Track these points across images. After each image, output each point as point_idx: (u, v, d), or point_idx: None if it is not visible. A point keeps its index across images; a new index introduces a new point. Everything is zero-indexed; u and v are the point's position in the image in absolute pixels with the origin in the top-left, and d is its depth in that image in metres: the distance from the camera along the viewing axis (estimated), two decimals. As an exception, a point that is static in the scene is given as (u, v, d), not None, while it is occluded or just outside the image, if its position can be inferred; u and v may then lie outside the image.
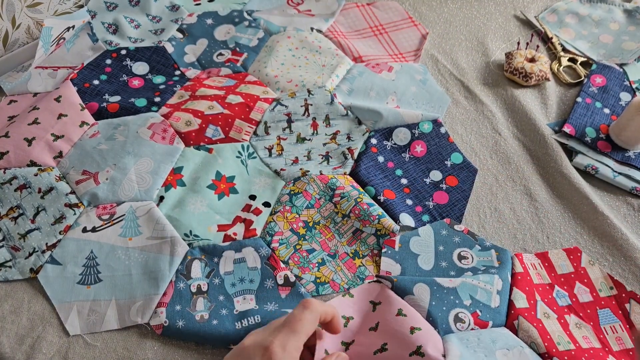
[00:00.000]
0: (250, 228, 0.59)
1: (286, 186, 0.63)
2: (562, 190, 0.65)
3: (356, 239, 0.59)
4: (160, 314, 0.52)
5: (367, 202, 0.60)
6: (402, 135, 0.68)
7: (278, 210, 0.61)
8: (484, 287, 0.54)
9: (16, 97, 0.73)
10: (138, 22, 0.84)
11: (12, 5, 0.77)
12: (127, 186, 0.61)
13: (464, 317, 0.52)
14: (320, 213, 0.61)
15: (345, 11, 0.87)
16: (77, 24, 0.81)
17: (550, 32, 0.84)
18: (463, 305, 0.53)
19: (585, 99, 0.74)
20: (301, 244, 0.58)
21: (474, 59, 0.82)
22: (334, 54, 0.78)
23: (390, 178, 0.65)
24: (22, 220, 0.59)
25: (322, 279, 0.56)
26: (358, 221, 0.59)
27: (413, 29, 0.84)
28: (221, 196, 0.62)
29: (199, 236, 0.58)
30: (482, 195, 0.65)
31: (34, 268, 0.56)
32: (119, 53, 0.78)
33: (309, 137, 0.68)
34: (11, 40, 0.80)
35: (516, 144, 0.70)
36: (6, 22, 0.78)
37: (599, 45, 0.83)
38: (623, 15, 0.87)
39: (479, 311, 0.53)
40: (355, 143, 0.67)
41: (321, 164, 0.66)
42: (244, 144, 0.67)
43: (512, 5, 0.91)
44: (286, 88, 0.73)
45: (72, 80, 0.73)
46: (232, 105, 0.69)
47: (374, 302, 0.54)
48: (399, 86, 0.74)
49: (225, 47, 0.79)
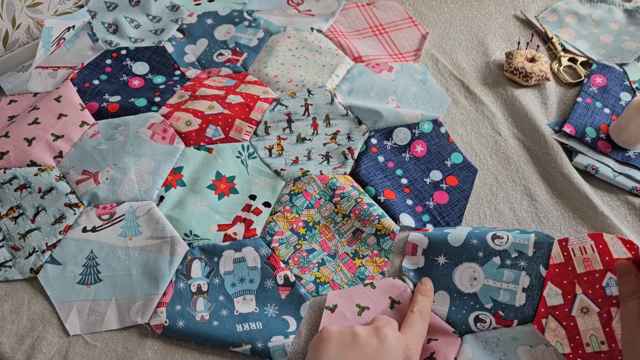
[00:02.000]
0: (251, 228, 0.59)
1: (286, 186, 0.63)
2: (562, 190, 0.65)
3: (356, 239, 0.59)
4: (161, 314, 0.52)
5: (367, 202, 0.60)
6: (402, 135, 0.68)
7: (278, 210, 0.60)
8: (507, 288, 0.52)
9: (16, 97, 0.73)
10: (138, 22, 0.84)
11: (12, 5, 0.77)
12: (127, 186, 0.61)
13: (484, 318, 0.52)
14: (320, 213, 0.60)
15: (345, 11, 0.87)
16: (77, 23, 0.81)
17: (550, 32, 0.84)
18: (484, 309, 0.52)
19: (586, 98, 0.74)
20: (301, 244, 0.58)
21: (474, 59, 0.82)
22: (334, 54, 0.78)
23: (390, 178, 0.65)
24: (22, 220, 0.59)
25: (322, 279, 0.56)
26: (358, 221, 0.59)
27: (413, 29, 0.84)
28: (221, 196, 0.62)
29: (199, 236, 0.58)
30: (482, 196, 0.65)
31: (34, 268, 0.56)
32: (119, 53, 0.78)
33: (309, 137, 0.68)
34: (11, 40, 0.80)
35: (516, 144, 0.70)
36: (6, 22, 0.78)
37: (599, 45, 0.83)
38: (623, 15, 0.87)
39: (501, 312, 0.52)
40: (355, 143, 0.67)
41: (321, 163, 0.65)
42: (244, 144, 0.67)
43: (512, 5, 0.91)
44: (286, 88, 0.73)
45: (72, 80, 0.73)
46: (233, 105, 0.69)
47: (394, 299, 0.54)
48: (399, 86, 0.74)
49: (226, 47, 0.79)
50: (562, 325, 0.49)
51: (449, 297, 0.54)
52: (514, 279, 0.52)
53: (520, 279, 0.52)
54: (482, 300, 0.53)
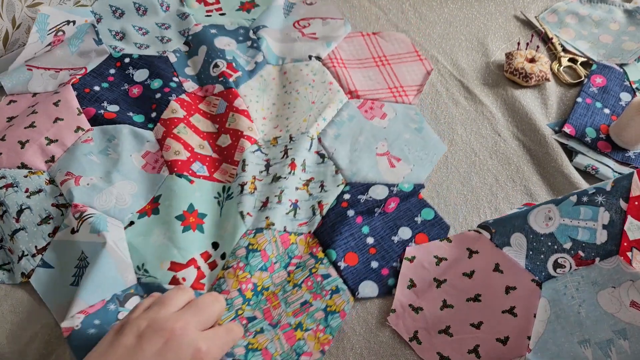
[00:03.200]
0: (200, 282, 0.55)
1: (246, 235, 0.58)
2: (563, 190, 0.65)
3: (303, 311, 0.54)
4: (77, 319, 0.50)
5: (322, 274, 0.56)
6: (379, 190, 0.63)
7: (231, 265, 0.56)
8: (586, 226, 0.50)
9: (16, 97, 0.73)
10: (146, 29, 0.83)
11: (12, 5, 0.77)
12: (105, 197, 0.60)
13: (563, 262, 0.50)
14: (272, 279, 0.56)
15: (349, 39, 0.83)
16: (78, 20, 0.80)
17: (550, 32, 0.84)
18: (562, 250, 0.51)
19: (586, 99, 0.74)
20: (244, 309, 0.53)
21: (474, 59, 0.82)
22: (326, 88, 0.74)
23: (356, 237, 0.59)
24: (7, 217, 0.58)
25: (255, 345, 0.51)
26: (309, 293, 0.55)
27: (418, 64, 0.80)
28: (187, 229, 0.58)
29: (148, 272, 0.55)
30: (482, 196, 0.65)
31: (24, 272, 0.55)
32: (123, 62, 0.77)
33: (285, 175, 0.63)
34: (11, 40, 0.80)
35: (516, 144, 0.70)
36: (6, 22, 0.78)
37: (599, 46, 0.83)
38: (623, 15, 0.87)
39: (581, 252, 0.50)
40: (327, 196, 0.63)
41: (288, 214, 0.61)
42: (226, 185, 0.64)
43: (512, 5, 0.91)
44: (270, 134, 0.70)
45: (73, 85, 0.73)
46: (222, 149, 0.67)
47: (471, 249, 0.55)
48: (390, 133, 0.70)
49: (223, 56, 0.77)
50: None
51: (525, 240, 0.52)
52: (592, 215, 0.50)
53: (599, 216, 0.50)
54: (560, 240, 0.51)
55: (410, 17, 0.89)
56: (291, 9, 0.88)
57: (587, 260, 0.49)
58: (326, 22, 0.85)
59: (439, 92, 0.77)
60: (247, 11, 0.88)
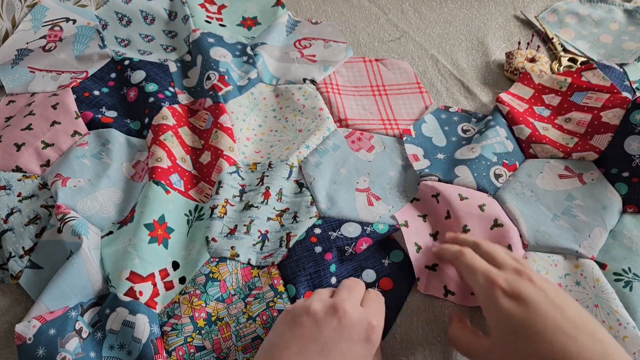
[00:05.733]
0: (154, 300, 0.53)
1: (208, 263, 0.56)
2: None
3: (254, 347, 0.51)
4: (32, 327, 0.48)
5: (279, 309, 0.53)
6: (351, 229, 0.58)
7: (188, 292, 0.54)
8: (497, 140, 0.64)
9: (15, 97, 0.72)
10: (152, 36, 0.82)
11: (12, 6, 0.77)
12: (89, 203, 0.59)
13: (500, 172, 0.62)
14: (228, 310, 0.53)
15: (349, 64, 0.79)
16: (79, 20, 0.80)
17: (550, 32, 0.84)
18: (493, 163, 0.62)
19: (585, 99, 0.74)
20: (193, 337, 0.51)
21: (474, 59, 0.82)
22: (315, 115, 0.71)
23: (321, 274, 0.55)
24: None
25: None
26: (262, 329, 0.52)
27: (417, 96, 0.75)
28: (153, 240, 0.56)
29: (111, 282, 0.53)
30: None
31: (13, 274, 0.54)
32: (123, 64, 0.76)
33: (257, 204, 0.61)
34: (11, 41, 0.80)
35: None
36: (6, 22, 0.78)
37: (599, 45, 0.83)
38: (623, 15, 0.87)
39: (505, 160, 0.63)
40: (297, 227, 0.59)
41: (255, 246, 0.58)
42: (199, 205, 0.62)
43: (512, 5, 0.91)
44: (251, 158, 0.67)
45: (73, 89, 0.72)
46: (202, 166, 0.66)
47: (435, 195, 0.60)
48: (374, 168, 0.66)
49: (216, 68, 0.75)
50: (542, 141, 0.64)
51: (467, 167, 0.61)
52: (495, 133, 0.65)
53: (499, 132, 0.65)
54: (488, 157, 0.62)
55: (410, 16, 0.89)
56: (295, 27, 0.86)
57: (511, 166, 0.63)
58: (328, 45, 0.82)
59: (439, 92, 0.77)
60: (248, 28, 0.86)
